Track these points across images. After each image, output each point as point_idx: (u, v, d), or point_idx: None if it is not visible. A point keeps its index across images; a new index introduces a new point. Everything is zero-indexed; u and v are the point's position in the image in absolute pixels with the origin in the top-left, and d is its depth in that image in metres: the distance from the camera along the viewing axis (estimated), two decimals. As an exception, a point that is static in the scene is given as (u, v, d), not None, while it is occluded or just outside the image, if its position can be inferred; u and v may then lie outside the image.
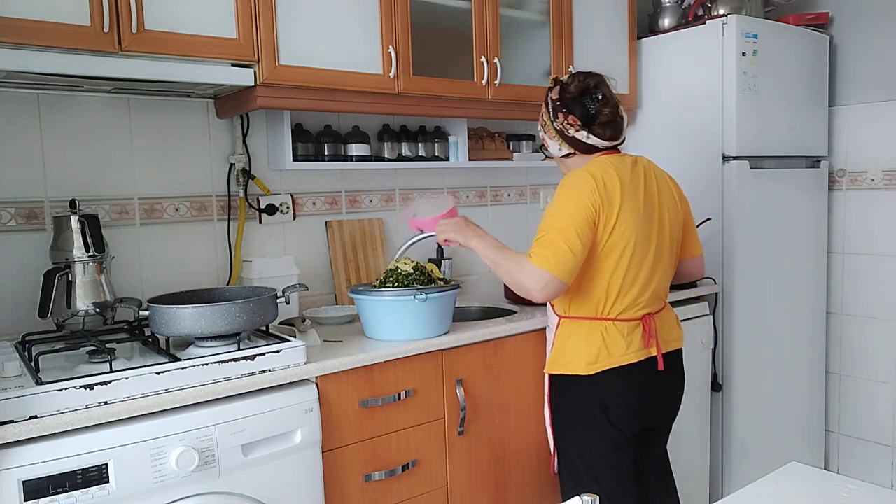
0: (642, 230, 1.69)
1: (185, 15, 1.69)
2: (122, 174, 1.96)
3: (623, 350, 1.70)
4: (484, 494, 1.98)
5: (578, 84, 1.73)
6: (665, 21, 2.82)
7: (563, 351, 1.76)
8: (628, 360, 1.70)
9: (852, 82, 2.92)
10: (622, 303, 1.70)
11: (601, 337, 1.71)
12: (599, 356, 1.70)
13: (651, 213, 1.73)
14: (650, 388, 1.76)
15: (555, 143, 1.78)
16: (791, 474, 1.23)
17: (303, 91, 1.91)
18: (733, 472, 2.64)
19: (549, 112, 1.77)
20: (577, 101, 1.72)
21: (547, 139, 1.81)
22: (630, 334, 1.72)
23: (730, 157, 2.56)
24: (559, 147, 1.78)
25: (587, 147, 1.74)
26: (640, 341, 1.73)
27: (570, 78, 1.77)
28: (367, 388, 1.72)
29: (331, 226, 2.34)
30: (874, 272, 2.90)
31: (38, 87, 1.79)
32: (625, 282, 1.69)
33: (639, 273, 1.70)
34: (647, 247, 1.71)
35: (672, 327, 1.84)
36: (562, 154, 1.79)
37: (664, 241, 1.75)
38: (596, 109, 1.72)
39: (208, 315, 1.54)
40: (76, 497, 1.29)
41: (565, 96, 1.73)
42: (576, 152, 1.76)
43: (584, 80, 1.74)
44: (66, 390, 1.32)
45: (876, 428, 2.94)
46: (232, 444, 1.47)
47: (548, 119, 1.78)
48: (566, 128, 1.73)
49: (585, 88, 1.73)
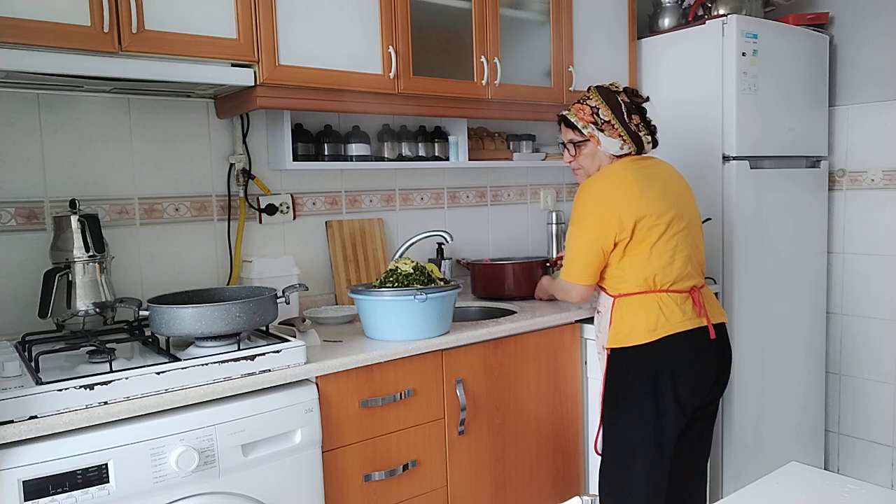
0: (673, 209, 1.83)
1: (185, 15, 1.69)
2: (122, 174, 1.96)
3: (680, 317, 1.80)
4: (484, 494, 1.98)
5: (642, 99, 1.95)
6: (665, 21, 2.82)
7: (622, 325, 1.83)
8: (684, 326, 1.79)
9: (852, 82, 2.92)
10: (671, 273, 1.81)
11: (657, 306, 1.80)
12: (658, 323, 1.78)
13: (675, 195, 1.88)
14: (708, 356, 1.84)
15: (616, 142, 1.89)
16: (791, 474, 1.23)
17: (303, 91, 1.91)
18: (733, 472, 2.64)
19: (619, 112, 1.88)
20: (642, 111, 1.93)
21: (603, 136, 1.89)
22: (683, 303, 1.81)
23: (730, 157, 2.56)
24: (621, 146, 1.89)
25: (641, 150, 1.93)
26: (692, 311, 1.82)
27: (631, 90, 1.95)
28: (367, 388, 1.72)
29: (331, 226, 2.34)
30: (874, 272, 2.90)
31: (38, 87, 1.79)
32: (666, 258, 1.81)
33: (680, 244, 1.83)
34: (681, 222, 1.85)
35: (715, 302, 1.94)
36: (622, 153, 1.90)
37: (693, 218, 1.93)
38: (648, 121, 1.94)
39: (208, 315, 1.54)
40: (76, 497, 1.29)
41: (636, 102, 1.92)
42: (633, 152, 1.91)
43: (641, 96, 1.95)
44: (66, 390, 1.32)
45: (876, 428, 2.94)
46: (232, 444, 1.47)
47: (615, 119, 1.88)
48: (640, 129, 1.90)
49: (643, 102, 1.95)
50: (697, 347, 1.82)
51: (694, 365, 1.81)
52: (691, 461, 1.96)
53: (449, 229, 2.59)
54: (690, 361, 1.81)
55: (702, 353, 1.83)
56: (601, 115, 1.89)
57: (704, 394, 1.87)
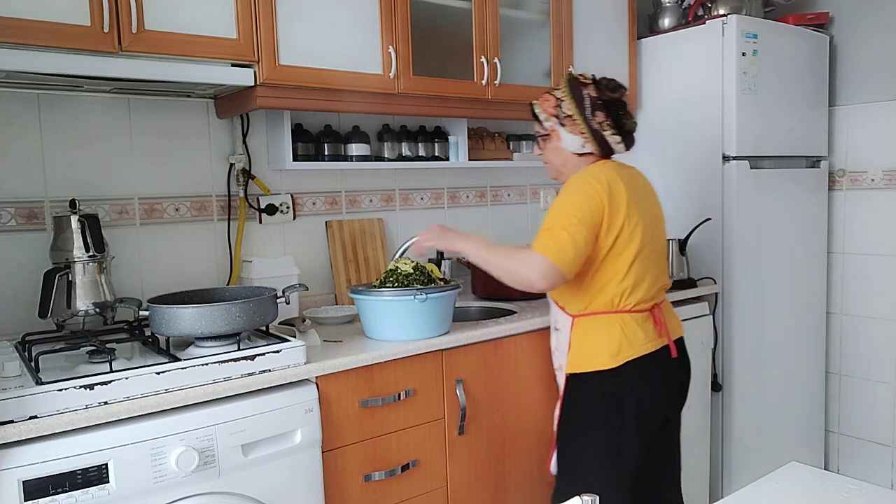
0: (648, 226, 1.73)
1: (185, 15, 1.69)
2: (122, 174, 1.96)
3: (642, 339, 1.71)
4: (484, 494, 1.98)
5: (619, 91, 1.76)
6: (665, 21, 2.82)
7: (583, 348, 1.74)
8: (647, 349, 1.71)
9: (852, 82, 2.92)
10: (636, 296, 1.71)
11: (619, 328, 1.70)
12: (621, 347, 1.69)
13: (650, 211, 1.78)
14: (670, 375, 1.78)
15: (577, 139, 1.74)
16: (791, 474, 1.23)
17: (303, 91, 1.91)
18: (733, 472, 2.64)
19: (582, 107, 1.72)
20: (614, 106, 1.73)
21: (564, 132, 1.75)
22: (644, 323, 1.73)
23: (730, 157, 2.56)
24: (582, 144, 1.74)
25: (609, 151, 1.77)
26: (653, 331, 1.74)
27: (605, 80, 1.76)
28: (367, 388, 1.72)
29: (331, 226, 2.34)
30: (874, 272, 2.90)
31: (38, 87, 1.79)
32: (639, 275, 1.71)
33: (649, 266, 1.73)
34: (653, 242, 1.75)
35: (673, 316, 1.87)
36: (583, 151, 1.76)
37: (661, 236, 1.82)
38: (624, 119, 1.75)
39: (208, 315, 1.54)
40: (76, 497, 1.29)
41: (605, 97, 1.73)
42: (596, 153, 1.76)
43: (619, 89, 1.76)
44: (66, 390, 1.32)
45: (876, 428, 2.94)
46: (232, 444, 1.47)
47: (578, 114, 1.72)
48: (604, 128, 1.72)
49: (620, 97, 1.76)
50: (661, 369, 1.74)
51: (660, 388, 1.74)
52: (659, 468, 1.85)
53: (449, 229, 2.59)
54: (655, 385, 1.73)
55: (665, 375, 1.76)
56: (564, 108, 1.74)
57: (667, 412, 1.79)
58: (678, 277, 2.54)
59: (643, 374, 1.71)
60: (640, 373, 1.70)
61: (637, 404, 1.70)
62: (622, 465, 1.71)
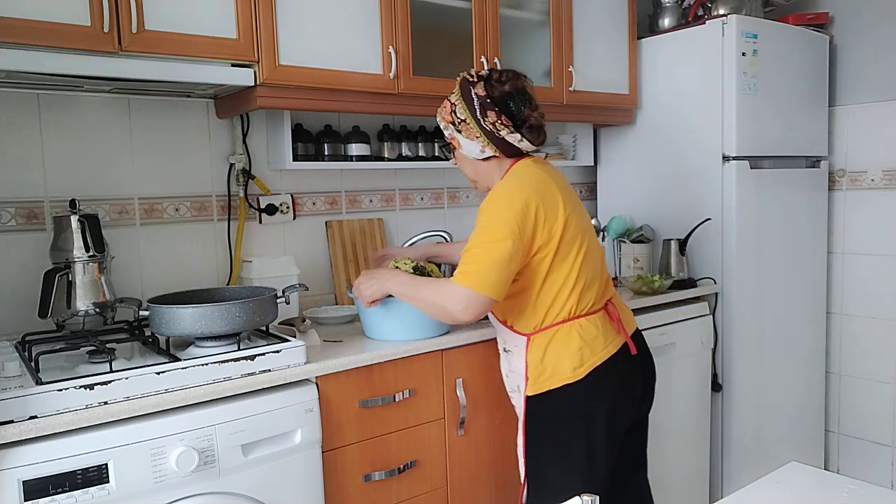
0: (585, 222, 1.68)
1: (185, 15, 1.69)
2: (122, 174, 1.96)
3: (602, 343, 1.62)
4: (484, 494, 1.98)
5: (511, 83, 1.60)
6: (665, 21, 2.82)
7: (544, 366, 1.62)
8: (609, 352, 1.63)
9: (852, 82, 2.92)
10: (589, 296, 1.64)
11: (578, 337, 1.61)
12: (583, 357, 1.60)
13: (580, 205, 1.70)
14: (633, 374, 1.70)
15: (476, 144, 1.63)
16: (791, 474, 1.23)
17: (303, 91, 1.91)
18: (733, 472, 2.64)
19: (472, 109, 1.60)
20: (508, 101, 1.59)
21: (462, 138, 1.65)
22: (603, 325, 1.65)
23: (730, 157, 2.55)
24: (482, 149, 1.63)
25: (514, 151, 1.64)
26: (611, 330, 1.66)
27: (497, 74, 1.62)
28: (367, 388, 1.72)
29: (331, 226, 2.34)
30: (874, 272, 2.90)
31: (38, 87, 1.79)
32: (589, 274, 1.64)
33: (595, 263, 1.67)
34: (591, 237, 1.68)
35: (624, 309, 1.77)
36: (483, 157, 1.66)
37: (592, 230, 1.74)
38: (526, 113, 1.61)
39: (208, 315, 1.54)
40: (76, 497, 1.29)
41: (494, 94, 1.59)
42: (499, 155, 1.65)
43: (514, 79, 1.61)
44: (66, 390, 1.32)
45: (876, 428, 2.94)
46: (232, 444, 1.47)
47: (469, 116, 1.60)
48: (498, 128, 1.59)
49: (516, 88, 1.60)
50: (624, 370, 1.65)
51: (625, 391, 1.66)
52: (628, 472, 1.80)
53: (449, 229, 2.59)
54: (622, 388, 1.65)
55: (629, 375, 1.67)
56: (458, 113, 1.62)
57: (633, 415, 1.73)
58: (678, 277, 2.55)
59: (608, 379, 1.62)
60: (605, 379, 1.62)
61: (606, 411, 1.62)
62: (593, 476, 1.63)
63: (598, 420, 1.62)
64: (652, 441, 1.90)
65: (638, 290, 2.41)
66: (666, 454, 2.41)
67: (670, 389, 2.41)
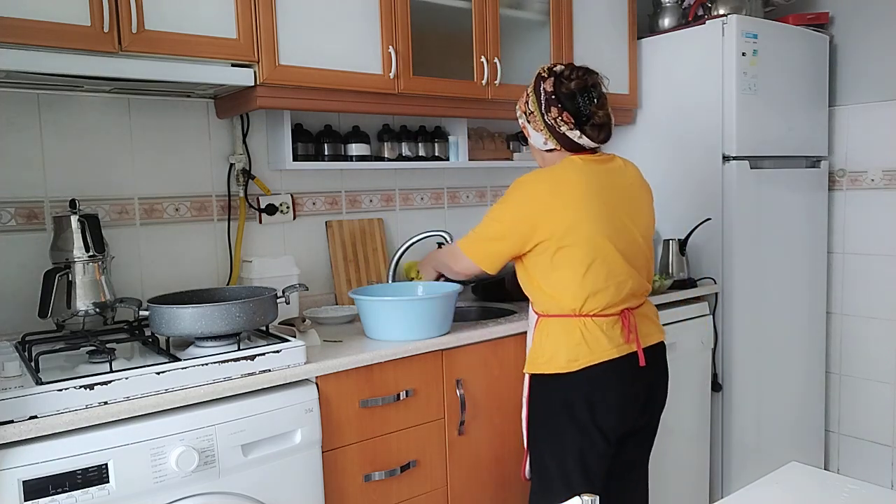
0: (617, 226, 1.67)
1: (185, 15, 1.69)
2: (122, 174, 1.96)
3: (605, 345, 1.64)
4: (484, 494, 1.98)
5: (578, 81, 1.67)
6: (665, 21, 2.82)
7: (543, 349, 1.70)
8: (610, 355, 1.64)
9: (852, 82, 2.92)
10: (600, 301, 1.65)
11: (580, 333, 1.65)
12: (580, 353, 1.64)
13: (627, 208, 1.70)
14: (634, 384, 1.70)
15: (540, 136, 1.72)
16: (791, 474, 1.22)
17: (303, 91, 1.91)
18: (733, 472, 2.64)
19: (540, 103, 1.69)
20: (574, 98, 1.66)
21: (530, 129, 1.74)
22: (610, 329, 1.66)
23: (730, 157, 2.55)
24: (545, 141, 1.72)
25: (575, 146, 1.70)
26: (620, 336, 1.67)
27: (568, 71, 1.70)
28: (367, 388, 1.72)
29: (331, 226, 2.34)
30: (874, 272, 2.90)
31: (38, 87, 1.79)
32: (599, 280, 1.64)
33: (612, 272, 1.66)
34: (622, 243, 1.67)
35: (651, 321, 1.78)
36: (546, 148, 1.74)
37: (636, 239, 1.72)
38: (591, 110, 1.66)
39: (208, 315, 1.54)
40: (76, 497, 1.29)
41: (561, 90, 1.67)
42: (560, 148, 1.71)
43: (583, 77, 1.68)
44: (66, 390, 1.32)
45: (876, 428, 2.94)
46: (232, 444, 1.47)
47: (536, 109, 1.70)
48: (559, 124, 1.67)
49: (584, 86, 1.67)
50: (624, 377, 1.67)
51: (617, 396, 1.66)
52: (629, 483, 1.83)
53: (449, 229, 2.59)
54: (614, 392, 1.65)
55: (628, 383, 1.68)
56: (529, 104, 1.72)
57: (632, 421, 1.73)
58: (678, 277, 2.55)
59: (602, 380, 1.64)
60: (598, 379, 1.64)
61: (595, 411, 1.65)
62: (587, 473, 1.67)
63: (588, 416, 1.66)
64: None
65: (638, 290, 2.41)
66: (666, 454, 2.40)
67: (671, 389, 2.41)
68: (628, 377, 1.68)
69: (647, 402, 1.76)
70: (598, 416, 1.66)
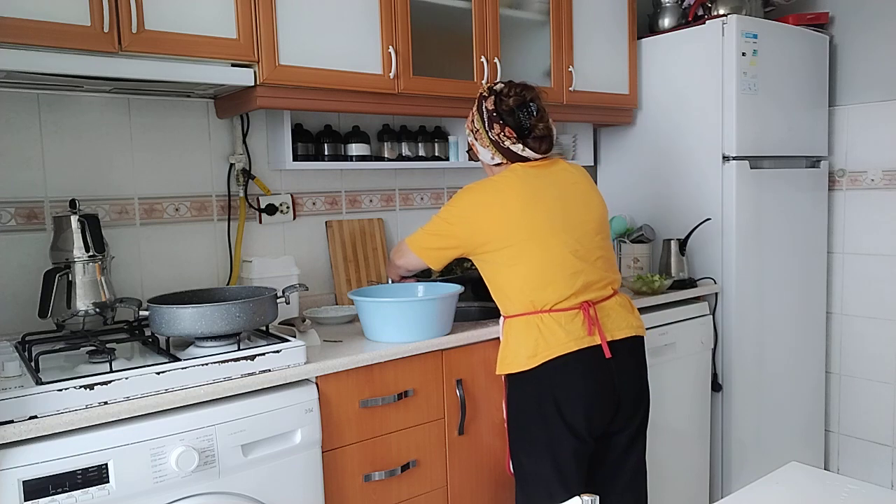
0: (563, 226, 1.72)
1: (185, 15, 1.69)
2: (122, 174, 1.96)
3: (562, 339, 1.67)
4: (484, 494, 1.98)
5: (516, 97, 1.75)
6: (665, 21, 2.82)
7: (508, 349, 1.76)
8: (568, 348, 1.66)
9: (852, 82, 2.92)
10: (550, 296, 1.69)
11: (538, 329, 1.69)
12: (538, 348, 1.68)
13: (570, 210, 1.75)
14: (601, 378, 1.70)
15: (487, 152, 1.81)
16: (791, 474, 1.23)
17: (303, 91, 1.91)
18: (733, 472, 2.64)
19: (483, 121, 1.78)
20: (514, 114, 1.75)
21: (478, 146, 1.83)
22: (568, 323, 1.68)
23: (730, 157, 2.56)
24: (492, 156, 1.80)
25: (519, 158, 1.78)
26: (581, 329, 1.68)
27: (507, 88, 1.78)
28: (367, 388, 1.72)
29: (331, 226, 2.34)
30: (874, 272, 2.90)
31: (38, 87, 1.79)
32: (545, 276, 1.69)
33: (559, 266, 1.70)
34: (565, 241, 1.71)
35: (621, 315, 1.77)
36: (494, 163, 1.82)
37: (587, 234, 1.76)
38: (531, 123, 1.75)
39: (208, 315, 1.54)
40: (76, 497, 1.29)
41: (501, 107, 1.75)
42: (506, 162, 1.80)
43: (521, 94, 1.76)
44: (66, 390, 1.32)
45: (876, 428, 2.94)
46: (232, 444, 1.47)
47: (482, 127, 1.79)
48: (502, 139, 1.75)
49: (522, 102, 1.76)
50: (589, 370, 1.67)
51: (582, 389, 1.67)
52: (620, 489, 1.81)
53: (449, 229, 2.59)
54: (578, 385, 1.67)
55: (592, 375, 1.68)
56: (475, 122, 1.81)
57: (607, 419, 1.73)
58: (678, 277, 2.55)
59: (565, 374, 1.67)
60: (559, 372, 1.67)
61: (562, 406, 1.67)
62: (561, 471, 1.69)
63: (554, 411, 1.68)
64: (652, 441, 1.90)
65: (638, 290, 2.41)
66: (666, 454, 2.41)
67: (670, 389, 2.42)
68: (593, 370, 1.69)
69: (621, 397, 1.74)
70: (566, 412, 1.68)
